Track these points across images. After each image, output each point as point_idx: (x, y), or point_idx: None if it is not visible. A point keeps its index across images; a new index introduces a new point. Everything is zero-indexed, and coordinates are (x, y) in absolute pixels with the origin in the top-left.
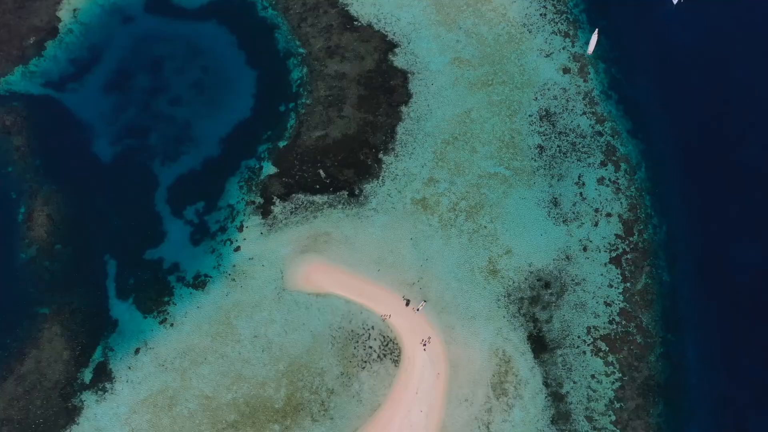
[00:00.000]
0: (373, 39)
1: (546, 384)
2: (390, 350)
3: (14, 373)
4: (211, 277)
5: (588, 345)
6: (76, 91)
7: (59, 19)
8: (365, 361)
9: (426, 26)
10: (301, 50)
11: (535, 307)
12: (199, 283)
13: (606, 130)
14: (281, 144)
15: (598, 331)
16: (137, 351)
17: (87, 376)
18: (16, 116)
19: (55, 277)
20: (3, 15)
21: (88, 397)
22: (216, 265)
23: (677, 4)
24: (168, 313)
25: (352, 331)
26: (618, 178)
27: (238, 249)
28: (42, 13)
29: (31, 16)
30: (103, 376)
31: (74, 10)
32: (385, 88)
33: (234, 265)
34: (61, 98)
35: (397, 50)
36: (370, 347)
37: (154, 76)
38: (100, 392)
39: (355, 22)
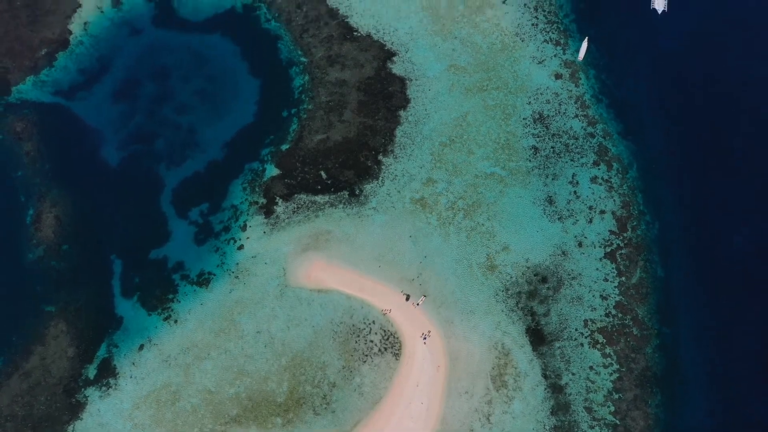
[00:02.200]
0: (372, 48)
1: (545, 376)
2: (391, 344)
3: (19, 370)
4: (214, 275)
5: (585, 337)
6: (85, 99)
7: (70, 32)
8: (366, 355)
9: (423, 36)
10: (303, 59)
11: (533, 301)
12: (203, 280)
13: (598, 131)
14: (284, 147)
15: (595, 323)
16: (141, 347)
17: (91, 372)
18: (26, 123)
19: (62, 276)
20: (17, 28)
21: (92, 393)
22: (220, 263)
23: (662, 12)
24: (172, 310)
25: (353, 325)
26: (611, 177)
27: (241, 248)
28: (54, 26)
29: (44, 29)
30: (107, 373)
31: (85, 23)
32: (384, 94)
33: (237, 263)
34: (70, 106)
35: (395, 58)
36: (371, 341)
37: (161, 84)
38: (103, 388)
39: (355, 33)
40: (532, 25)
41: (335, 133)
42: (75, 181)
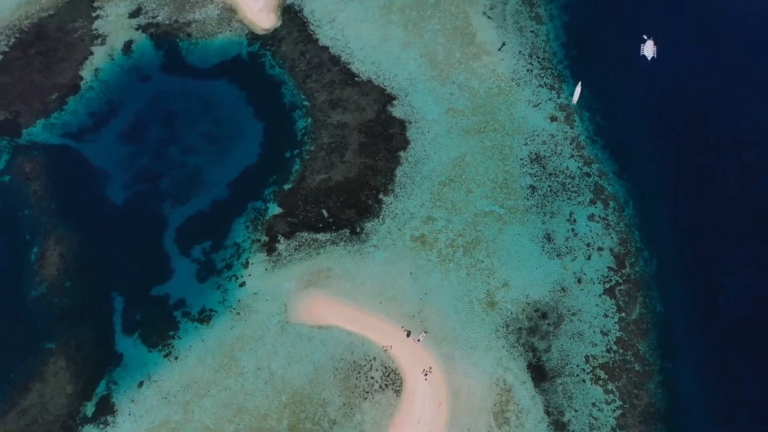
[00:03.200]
0: (373, 92)
1: (547, 413)
2: (392, 380)
3: (16, 407)
4: (216, 311)
5: (587, 373)
6: (93, 141)
7: (81, 78)
8: (367, 392)
9: (422, 81)
10: (306, 103)
11: (534, 337)
12: (204, 317)
13: (593, 171)
14: (286, 187)
15: (597, 359)
16: (141, 384)
17: (89, 409)
18: (35, 164)
19: (64, 313)
20: (30, 74)
21: (90, 431)
22: (221, 300)
23: (651, 59)
24: (173, 346)
25: (354, 362)
26: (607, 215)
27: (243, 284)
28: (66, 72)
29: (56, 75)
30: (105, 410)
31: (96, 69)
32: (384, 136)
33: (239, 300)
34: (78, 147)
35: (395, 102)
36: (372, 378)
37: (168, 127)
38: (101, 426)
39: (356, 78)
40: (527, 70)
41: (337, 173)
42: (80, 220)
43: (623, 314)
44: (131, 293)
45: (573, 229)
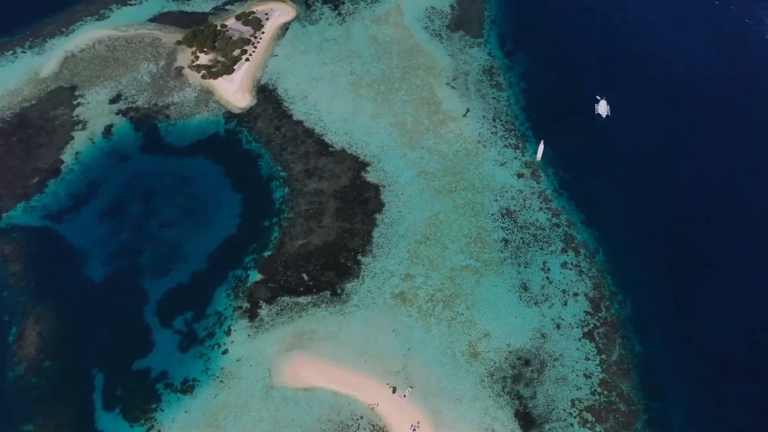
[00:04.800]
0: (347, 160)
1: None
2: None
3: None
4: (199, 381)
5: (574, 417)
6: (72, 221)
7: (62, 162)
8: None
9: (393, 148)
10: (282, 174)
11: (518, 384)
12: (187, 387)
13: (562, 221)
14: (266, 254)
15: (582, 402)
16: None
17: None
18: (14, 246)
19: (42, 393)
20: (11, 160)
21: None
22: (204, 369)
23: (606, 117)
24: (155, 420)
25: (341, 422)
26: (579, 262)
27: (225, 352)
28: (47, 157)
29: (37, 160)
30: None
31: (77, 153)
32: (359, 200)
33: (222, 368)
34: (57, 228)
35: (368, 168)
36: None
37: (147, 204)
38: None
39: (330, 148)
40: (492, 133)
41: (315, 238)
42: (60, 298)
43: (604, 356)
44: (112, 369)
45: (548, 278)
